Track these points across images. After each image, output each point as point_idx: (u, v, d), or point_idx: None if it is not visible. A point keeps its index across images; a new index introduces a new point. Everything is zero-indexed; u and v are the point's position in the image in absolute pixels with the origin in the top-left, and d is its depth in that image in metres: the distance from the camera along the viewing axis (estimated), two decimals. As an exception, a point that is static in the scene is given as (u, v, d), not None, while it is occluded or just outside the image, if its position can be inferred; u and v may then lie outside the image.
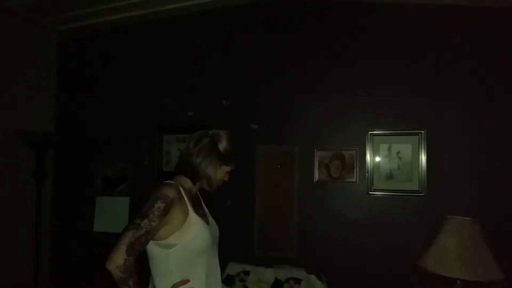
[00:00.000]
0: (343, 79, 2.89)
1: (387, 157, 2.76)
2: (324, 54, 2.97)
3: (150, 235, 1.45)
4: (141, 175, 3.40)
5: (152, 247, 1.56)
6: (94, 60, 3.72)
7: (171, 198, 1.52)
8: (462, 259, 2.15)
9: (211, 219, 1.78)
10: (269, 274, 2.73)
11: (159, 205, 1.48)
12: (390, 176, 2.74)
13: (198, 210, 1.67)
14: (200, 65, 3.31)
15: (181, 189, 1.61)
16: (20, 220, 3.44)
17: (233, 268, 2.80)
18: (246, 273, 2.78)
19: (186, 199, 1.60)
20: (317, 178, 2.91)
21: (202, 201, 1.84)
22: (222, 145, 1.68)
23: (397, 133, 2.73)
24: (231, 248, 1.90)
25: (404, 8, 2.76)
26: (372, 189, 2.77)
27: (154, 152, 3.35)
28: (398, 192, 2.71)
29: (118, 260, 1.35)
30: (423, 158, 2.65)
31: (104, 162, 3.56)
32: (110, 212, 3.48)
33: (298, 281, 2.66)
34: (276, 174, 3.02)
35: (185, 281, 1.54)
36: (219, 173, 1.69)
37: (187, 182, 1.69)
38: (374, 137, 2.78)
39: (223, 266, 1.93)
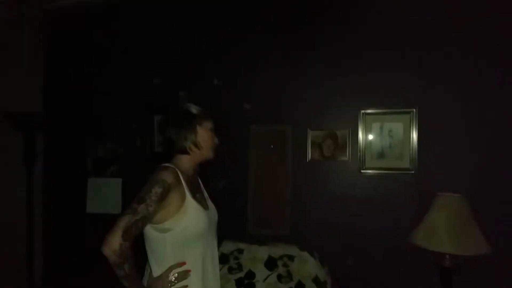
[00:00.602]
0: (336, 58, 2.88)
1: (379, 136, 2.78)
2: (317, 34, 2.95)
3: (147, 220, 1.47)
4: (132, 156, 3.38)
5: (149, 230, 1.58)
6: (83, 38, 3.64)
7: (169, 183, 1.51)
8: (450, 234, 2.22)
9: (210, 203, 1.78)
10: (262, 252, 2.77)
11: (156, 190, 1.48)
12: (381, 155, 2.78)
13: (196, 195, 1.67)
14: (192, 44, 3.26)
15: (179, 173, 1.60)
16: (11, 202, 3.42)
17: (227, 246, 2.84)
18: (240, 251, 2.81)
19: (184, 183, 1.59)
20: (310, 157, 2.93)
21: (201, 185, 1.84)
22: (191, 109, 1.71)
23: (389, 112, 2.75)
24: (225, 226, 1.91)
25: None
26: (364, 167, 2.80)
27: (146, 132, 3.33)
28: (390, 170, 2.75)
29: (114, 245, 1.37)
30: (414, 136, 2.68)
31: (95, 143, 3.53)
32: (103, 193, 3.47)
33: (291, 257, 2.71)
34: (270, 153, 3.04)
35: (181, 264, 1.57)
36: (201, 134, 1.68)
37: (184, 163, 1.68)
38: (367, 116, 2.80)
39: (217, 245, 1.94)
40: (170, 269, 1.55)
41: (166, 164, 1.62)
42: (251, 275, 2.71)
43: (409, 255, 2.51)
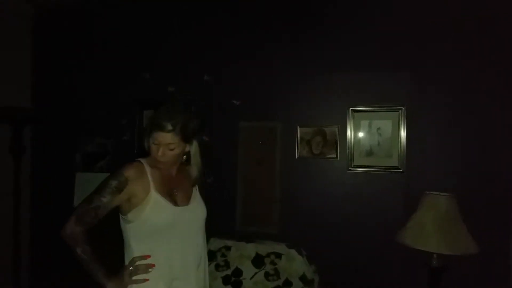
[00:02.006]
0: (325, 55, 2.86)
1: (367, 134, 2.77)
2: (306, 30, 2.92)
3: (101, 209, 1.53)
4: (121, 151, 3.36)
5: (120, 221, 1.64)
6: (72, 33, 3.61)
7: (126, 176, 1.55)
8: (438, 233, 2.21)
9: (196, 202, 1.73)
10: (250, 249, 2.76)
11: (111, 182, 1.54)
12: (370, 152, 2.76)
13: (167, 190, 1.64)
14: (181, 39, 3.24)
15: (147, 167, 1.62)
16: (-2, 196, 3.40)
17: (215, 244, 2.82)
18: (228, 248, 2.80)
19: (150, 177, 1.60)
20: (298, 155, 2.91)
21: (190, 181, 1.77)
22: (157, 113, 1.63)
23: (378, 109, 2.73)
24: (213, 224, 1.88)
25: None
26: (352, 165, 2.78)
27: (135, 127, 3.30)
28: (378, 168, 2.73)
29: (67, 229, 1.52)
30: (402, 134, 2.66)
31: (83, 138, 3.51)
32: (90, 188, 3.38)
33: (278, 255, 2.70)
34: (258, 150, 3.01)
35: (145, 257, 1.57)
36: (151, 142, 1.60)
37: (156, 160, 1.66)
38: (355, 113, 2.77)
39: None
40: (133, 260, 1.57)
41: (139, 159, 1.65)
42: (238, 272, 2.71)
43: (397, 254, 2.52)
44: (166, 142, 1.57)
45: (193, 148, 1.69)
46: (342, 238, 2.76)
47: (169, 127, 1.54)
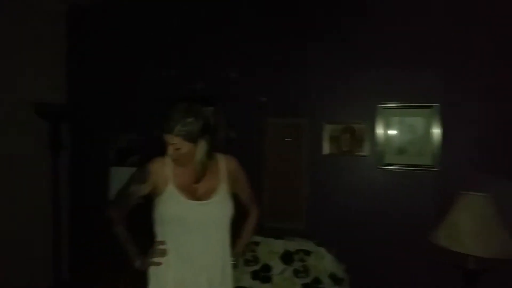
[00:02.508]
0: (354, 50, 2.79)
1: (398, 131, 2.68)
2: (335, 25, 2.85)
3: (130, 197, 1.74)
4: (151, 146, 3.41)
5: None
6: (104, 30, 3.69)
7: (148, 170, 1.71)
8: (474, 235, 2.12)
9: (217, 198, 1.73)
10: (278, 245, 2.77)
11: (137, 174, 1.76)
12: (401, 150, 2.67)
13: (187, 185, 1.70)
14: (209, 37, 3.24)
15: (170, 163, 1.72)
16: (39, 189, 3.55)
17: (244, 239, 2.83)
18: (256, 243, 2.81)
19: (170, 172, 1.71)
20: (326, 152, 2.87)
21: (217, 177, 1.78)
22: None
23: (409, 106, 2.64)
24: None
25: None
26: (382, 163, 2.71)
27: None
28: (410, 167, 2.65)
29: (109, 212, 1.77)
30: (436, 132, 2.56)
31: (117, 133, 3.60)
32: (124, 181, 3.52)
33: (307, 252, 2.68)
34: (286, 147, 2.99)
35: (162, 242, 1.70)
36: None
37: None
38: (386, 110, 2.69)
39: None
40: (156, 244, 1.71)
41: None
42: (267, 268, 2.71)
43: (430, 255, 2.43)
44: (170, 142, 1.65)
45: (199, 148, 1.70)
46: (372, 238, 2.71)
47: (169, 127, 1.63)
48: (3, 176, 3.30)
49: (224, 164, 1.83)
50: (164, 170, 1.71)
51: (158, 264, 1.69)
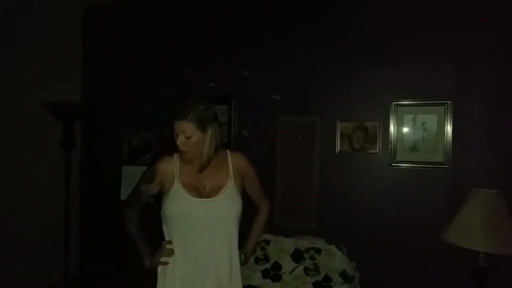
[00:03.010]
0: (366, 47, 2.79)
1: (411, 128, 2.68)
2: (347, 22, 2.87)
3: (141, 195, 1.77)
4: (164, 145, 3.45)
5: None
6: (118, 30, 3.75)
7: (155, 168, 1.75)
8: (485, 232, 2.11)
9: (223, 195, 1.72)
10: (289, 244, 2.76)
11: (146, 172, 1.80)
12: (414, 148, 2.67)
13: (193, 182, 1.70)
14: (222, 36, 3.28)
15: (177, 160, 1.74)
16: (50, 186, 3.59)
17: (254, 237, 2.84)
18: (267, 242, 2.81)
19: (177, 169, 1.72)
20: (338, 149, 2.87)
21: (225, 174, 1.77)
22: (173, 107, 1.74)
23: (422, 103, 2.64)
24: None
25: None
26: (395, 160, 2.71)
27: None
28: (422, 164, 2.64)
29: (122, 210, 1.81)
30: (449, 129, 2.56)
31: (129, 132, 3.64)
32: (136, 180, 3.53)
33: (318, 251, 2.68)
34: (297, 144, 3.00)
35: (169, 241, 1.73)
36: (174, 137, 1.68)
37: None
38: (399, 107, 2.70)
39: (243, 236, 1.90)
40: (163, 243, 1.73)
41: (175, 153, 1.76)
42: (277, 266, 2.71)
43: (441, 252, 2.43)
44: (182, 130, 1.63)
45: (208, 137, 1.69)
46: (384, 235, 2.70)
47: (182, 114, 1.62)
48: (17, 173, 3.35)
49: (232, 160, 1.80)
50: (170, 168, 1.72)
51: (166, 263, 1.70)
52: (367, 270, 2.66)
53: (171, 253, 1.69)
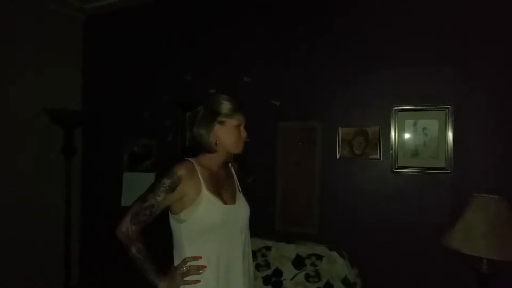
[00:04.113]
0: (366, 52, 2.79)
1: (412, 134, 2.67)
2: (346, 27, 2.87)
3: (155, 208, 1.56)
4: (165, 151, 3.46)
5: (171, 220, 1.65)
6: (118, 37, 3.77)
7: (179, 175, 1.57)
8: (487, 237, 2.09)
9: (241, 200, 1.76)
10: (290, 250, 2.75)
11: (165, 181, 1.56)
12: (415, 153, 2.66)
13: (217, 188, 1.67)
14: (221, 42, 3.29)
15: (197, 167, 1.64)
16: (51, 194, 3.59)
17: (255, 244, 2.82)
18: (268, 248, 2.80)
19: (200, 176, 1.62)
20: (339, 155, 2.86)
21: (234, 180, 1.83)
22: (216, 105, 1.67)
23: (423, 108, 2.63)
24: (253, 223, 1.90)
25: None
26: (396, 166, 2.70)
27: (177, 129, 3.38)
28: (424, 169, 2.62)
29: (122, 228, 1.54)
30: (450, 134, 2.55)
31: (130, 139, 3.64)
32: (137, 187, 3.54)
33: (319, 257, 2.66)
34: (298, 150, 3.00)
35: (197, 258, 1.59)
36: (222, 132, 1.66)
37: (208, 159, 1.70)
38: (399, 112, 2.68)
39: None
40: (185, 261, 1.59)
41: (187, 158, 1.66)
42: (278, 273, 2.70)
43: (444, 258, 2.41)
44: (244, 123, 1.70)
45: None
46: (386, 241, 2.68)
47: (241, 106, 1.68)
48: (18, 180, 3.35)
49: (232, 165, 1.88)
50: (194, 174, 1.60)
51: (196, 282, 1.58)
52: (369, 277, 2.64)
53: (199, 269, 1.58)
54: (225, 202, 1.66)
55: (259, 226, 2.88)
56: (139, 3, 3.59)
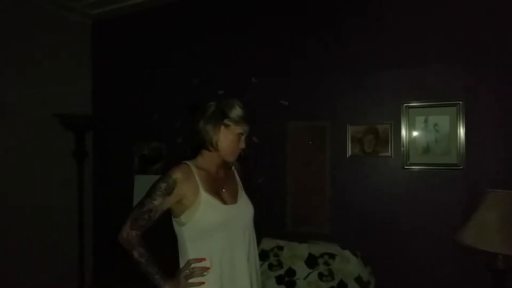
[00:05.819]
0: (375, 50, 2.78)
1: (423, 130, 2.65)
2: (356, 24, 2.86)
3: (153, 212, 1.57)
4: (175, 154, 3.47)
5: (173, 223, 1.67)
6: (126, 41, 3.80)
7: (174, 178, 1.58)
8: (503, 233, 2.07)
9: (242, 200, 1.76)
10: (303, 249, 2.74)
11: (161, 185, 1.58)
12: (426, 150, 2.64)
13: (216, 189, 1.67)
14: (229, 43, 3.30)
15: (194, 169, 1.65)
16: (64, 197, 3.63)
17: (267, 244, 2.83)
18: (280, 248, 2.80)
19: (197, 178, 1.63)
20: (350, 153, 2.85)
21: (236, 180, 1.84)
22: (228, 107, 1.67)
23: (433, 104, 2.61)
24: (265, 223, 1.90)
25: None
26: (407, 163, 2.68)
27: (186, 131, 3.40)
28: (436, 166, 2.60)
29: (123, 234, 1.57)
30: (461, 130, 2.53)
31: (140, 142, 3.67)
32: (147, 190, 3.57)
33: (332, 256, 2.65)
34: (308, 149, 2.99)
35: (200, 260, 1.59)
36: (224, 136, 1.66)
37: (205, 160, 1.71)
38: (410, 109, 2.67)
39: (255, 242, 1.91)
40: (189, 263, 1.60)
41: (184, 161, 1.69)
42: (291, 272, 2.69)
43: (458, 255, 2.39)
44: (245, 132, 1.69)
45: None
46: (399, 239, 2.67)
47: (247, 116, 1.66)
48: (30, 185, 3.39)
49: (234, 166, 1.88)
50: (190, 176, 1.62)
51: (200, 284, 1.59)
52: (383, 275, 2.63)
53: (203, 271, 1.59)
54: (225, 202, 1.67)
55: (271, 226, 2.90)
56: (145, 7, 3.61)
